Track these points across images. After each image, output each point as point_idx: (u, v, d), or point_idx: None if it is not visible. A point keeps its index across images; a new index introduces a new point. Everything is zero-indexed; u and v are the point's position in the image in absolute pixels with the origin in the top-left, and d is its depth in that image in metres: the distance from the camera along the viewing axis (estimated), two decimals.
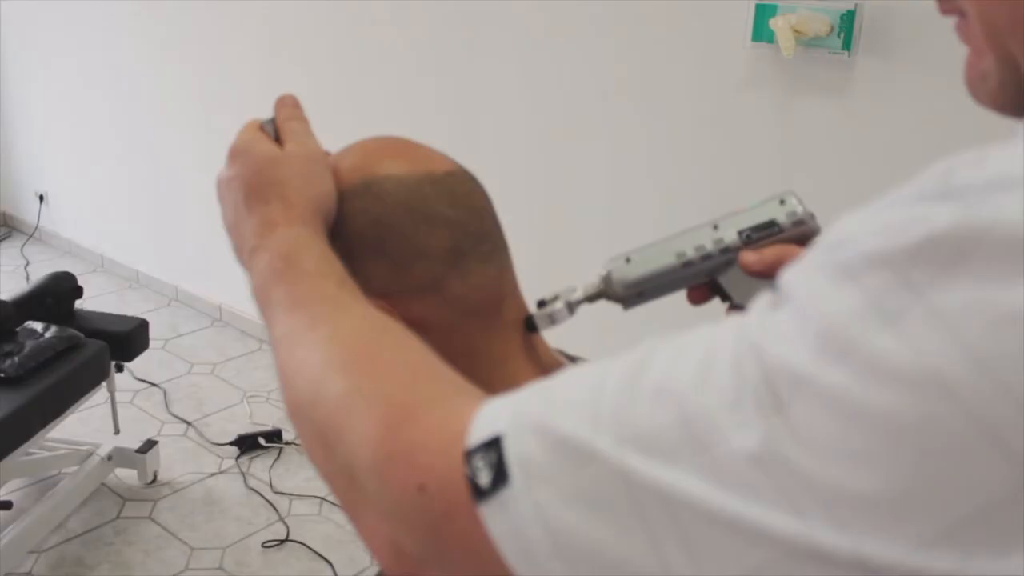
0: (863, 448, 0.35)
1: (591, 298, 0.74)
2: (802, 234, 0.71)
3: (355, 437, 0.50)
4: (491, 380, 0.72)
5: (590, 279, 0.75)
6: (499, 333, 0.73)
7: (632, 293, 0.73)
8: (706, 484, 0.38)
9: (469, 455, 0.44)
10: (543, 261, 2.64)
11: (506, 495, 0.42)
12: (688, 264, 0.72)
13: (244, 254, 0.67)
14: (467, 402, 0.48)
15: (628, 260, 0.73)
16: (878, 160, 2.04)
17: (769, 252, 0.69)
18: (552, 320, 0.73)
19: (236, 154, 0.70)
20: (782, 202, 0.71)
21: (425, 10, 2.76)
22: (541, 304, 0.75)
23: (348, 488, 0.52)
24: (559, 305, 0.73)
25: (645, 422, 0.40)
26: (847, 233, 0.39)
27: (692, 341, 0.42)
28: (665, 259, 0.72)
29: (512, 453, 0.42)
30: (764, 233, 0.70)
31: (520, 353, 0.75)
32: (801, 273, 0.40)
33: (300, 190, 0.67)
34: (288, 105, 0.75)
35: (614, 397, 0.42)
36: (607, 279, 0.74)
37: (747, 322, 0.41)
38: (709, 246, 0.71)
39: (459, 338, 0.72)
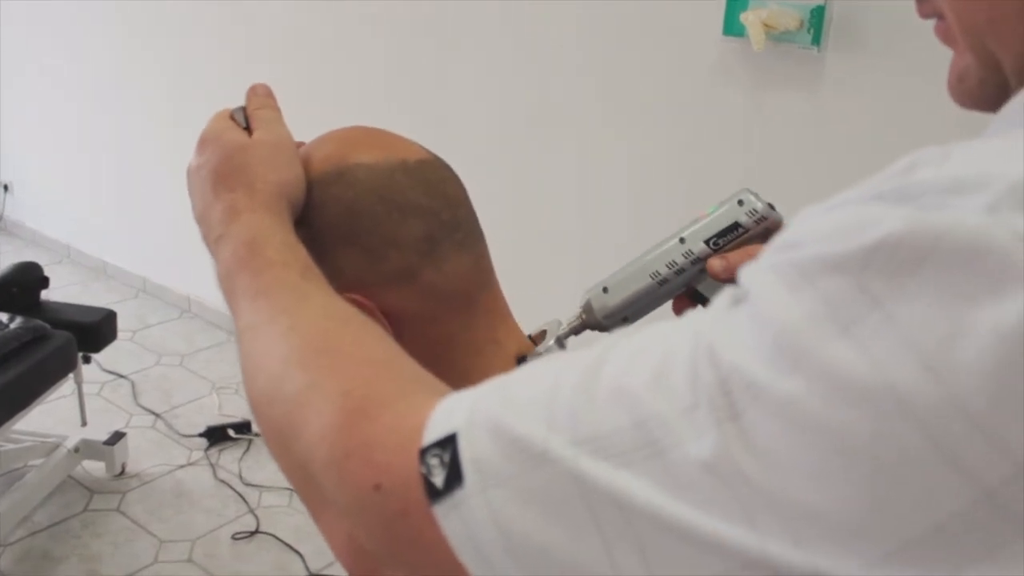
0: (816, 462, 0.34)
1: (576, 330, 0.76)
2: (766, 229, 0.72)
3: (312, 434, 0.50)
4: (467, 369, 0.72)
5: (571, 313, 0.76)
6: (475, 322, 0.74)
7: (615, 320, 0.75)
8: (659, 490, 0.37)
9: (424, 453, 0.43)
10: (513, 258, 2.64)
11: (460, 495, 0.42)
12: (664, 282, 0.73)
13: (210, 242, 0.67)
14: (425, 398, 0.47)
15: (605, 290, 0.75)
16: (847, 154, 2.06)
17: (735, 256, 0.70)
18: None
19: (205, 142, 0.70)
20: (740, 202, 0.72)
21: (394, 7, 2.75)
22: (530, 340, 0.77)
23: (307, 484, 0.52)
24: (551, 342, 0.75)
25: (600, 424, 0.39)
26: (803, 232, 0.38)
27: (650, 340, 0.41)
28: (641, 282, 0.74)
29: (466, 452, 0.42)
30: (730, 237, 0.72)
31: (496, 342, 0.75)
32: (758, 273, 0.39)
33: (265, 177, 0.67)
34: (260, 94, 0.74)
35: (570, 397, 0.41)
36: (588, 310, 0.75)
37: (706, 321, 0.40)
38: (680, 261, 0.73)
39: (434, 328, 0.72)
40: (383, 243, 0.69)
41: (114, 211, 3.97)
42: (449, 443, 0.43)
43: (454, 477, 0.42)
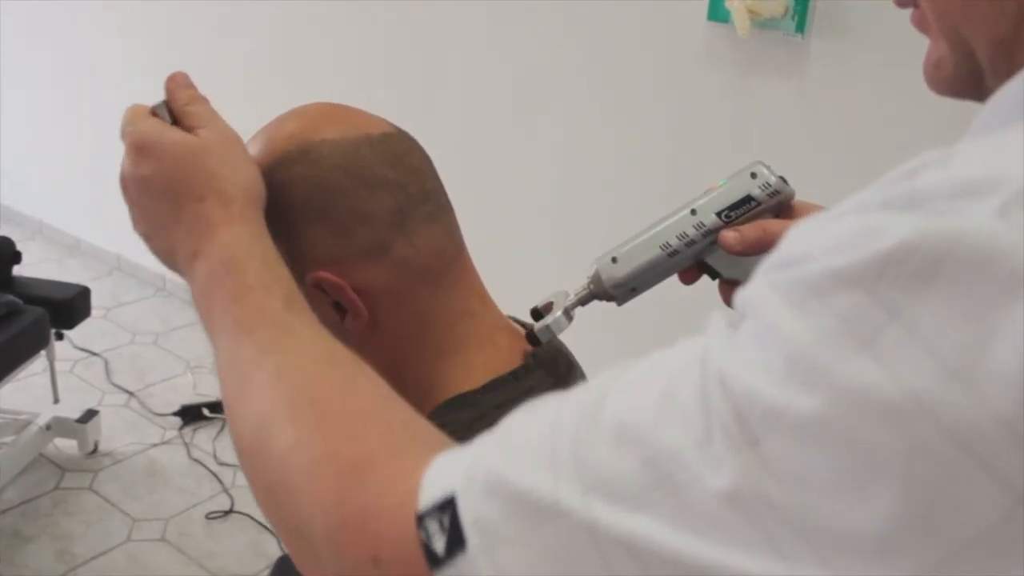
0: (845, 480, 0.33)
1: (583, 301, 0.75)
2: (778, 203, 0.72)
3: (306, 501, 0.48)
4: (441, 343, 0.73)
5: (579, 283, 0.76)
6: (447, 294, 0.73)
7: (624, 290, 0.74)
8: (677, 530, 0.35)
9: (422, 519, 0.42)
10: (496, 241, 2.63)
11: (462, 560, 0.40)
12: (674, 253, 0.73)
13: (179, 259, 0.62)
14: (419, 455, 0.45)
15: (614, 259, 0.74)
16: (831, 141, 2.07)
17: (748, 230, 0.70)
18: (552, 332, 0.74)
19: (142, 147, 0.64)
20: (753, 175, 0.72)
21: None
22: (535, 312, 0.77)
23: (301, 548, 0.50)
24: (559, 313, 0.74)
25: (607, 466, 0.37)
26: (805, 246, 0.37)
27: (650, 372, 0.40)
28: (651, 253, 0.73)
29: (467, 514, 0.40)
30: (742, 210, 0.71)
31: (470, 314, 0.75)
32: (761, 292, 0.38)
33: (233, 180, 0.63)
34: (184, 85, 0.68)
35: (573, 440, 0.39)
36: (596, 280, 0.75)
37: (709, 348, 0.38)
38: (691, 232, 0.72)
39: (408, 303, 0.71)
40: (352, 219, 0.69)
41: (88, 187, 3.91)
42: (448, 505, 0.41)
43: (456, 541, 0.40)
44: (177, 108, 0.66)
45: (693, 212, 0.72)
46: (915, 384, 0.32)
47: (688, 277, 0.75)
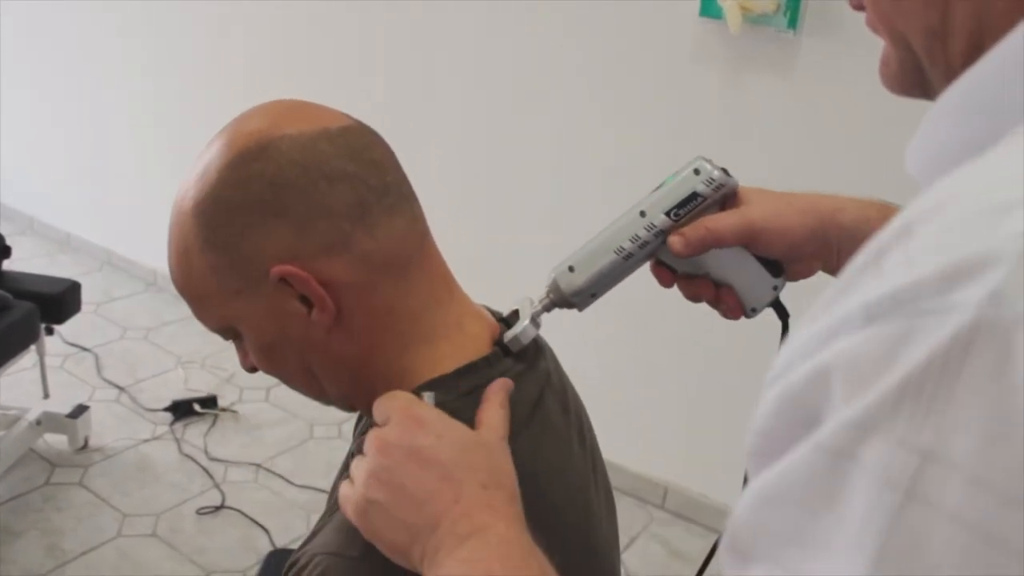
0: None
1: (547, 308, 0.77)
2: (723, 195, 0.74)
3: None
4: (408, 333, 0.73)
5: (540, 293, 0.77)
6: (412, 285, 0.74)
7: (584, 297, 0.76)
8: None
9: None
10: (494, 239, 2.63)
11: None
12: (628, 256, 0.74)
13: (437, 534, 0.61)
14: None
15: (571, 268, 0.75)
16: (822, 138, 2.07)
17: (692, 232, 0.72)
18: (520, 342, 0.76)
19: (422, 421, 0.65)
20: (697, 171, 0.73)
21: None
22: (504, 321, 0.78)
23: None
24: (526, 323, 0.76)
25: None
26: (814, 393, 0.36)
27: None
28: (606, 258, 0.75)
29: None
30: (690, 207, 0.73)
31: (437, 303, 0.75)
32: (799, 471, 0.36)
33: (516, 481, 0.65)
34: (501, 388, 0.72)
35: None
36: (555, 290, 0.76)
37: None
38: (643, 234, 0.74)
39: (373, 295, 0.72)
40: (312, 213, 0.69)
41: (79, 182, 3.91)
42: None
43: None
44: (489, 406, 0.70)
45: (642, 214, 0.74)
46: (976, 519, 0.31)
47: (665, 278, 0.76)
